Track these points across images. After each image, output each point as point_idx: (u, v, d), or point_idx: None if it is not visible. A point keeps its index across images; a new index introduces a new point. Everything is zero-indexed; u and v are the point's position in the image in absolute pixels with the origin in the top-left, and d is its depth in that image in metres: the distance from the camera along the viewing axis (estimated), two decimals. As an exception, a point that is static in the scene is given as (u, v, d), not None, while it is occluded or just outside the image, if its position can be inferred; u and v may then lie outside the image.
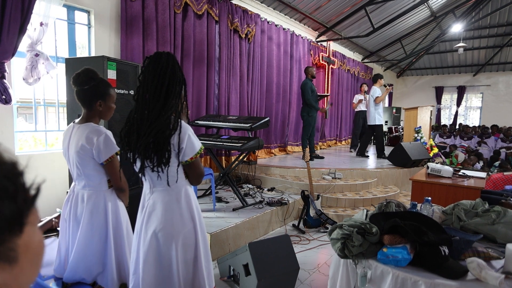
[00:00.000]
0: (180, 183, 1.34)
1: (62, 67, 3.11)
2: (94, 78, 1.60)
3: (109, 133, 1.60)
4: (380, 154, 6.01)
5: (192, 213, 1.35)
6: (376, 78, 5.96)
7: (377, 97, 5.76)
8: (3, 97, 2.70)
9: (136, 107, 1.31)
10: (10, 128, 2.86)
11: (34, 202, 0.37)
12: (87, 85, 1.57)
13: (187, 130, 1.30)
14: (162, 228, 1.30)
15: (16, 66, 2.93)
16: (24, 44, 2.80)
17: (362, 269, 1.39)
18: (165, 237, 1.29)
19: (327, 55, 7.59)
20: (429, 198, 1.66)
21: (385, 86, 5.87)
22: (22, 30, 2.71)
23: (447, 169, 3.16)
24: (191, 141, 1.29)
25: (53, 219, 1.97)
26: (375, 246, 1.40)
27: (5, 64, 2.67)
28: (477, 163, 6.52)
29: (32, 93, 3.10)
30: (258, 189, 4.27)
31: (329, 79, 7.78)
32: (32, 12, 2.73)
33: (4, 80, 2.68)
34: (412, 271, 1.32)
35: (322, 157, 5.75)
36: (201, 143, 1.38)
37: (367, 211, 1.70)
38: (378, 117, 5.81)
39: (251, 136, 3.69)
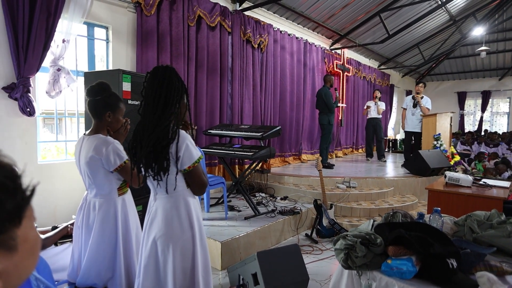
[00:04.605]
0: (180, 191, 1.37)
1: (81, 80, 3.29)
2: (107, 90, 1.68)
3: (117, 142, 1.67)
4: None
5: (192, 221, 1.36)
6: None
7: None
8: (28, 110, 2.88)
9: (141, 120, 1.37)
10: (34, 138, 3.04)
11: (30, 200, 0.42)
12: (99, 96, 1.65)
13: (185, 139, 1.33)
14: (161, 236, 1.33)
15: (40, 81, 3.12)
16: (47, 60, 2.98)
17: (366, 281, 1.36)
18: (164, 244, 1.32)
19: (341, 62, 7.54)
20: (438, 209, 1.60)
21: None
22: (46, 47, 2.90)
23: (466, 178, 3.02)
24: (189, 150, 1.32)
25: (69, 225, 2.05)
26: (380, 257, 1.37)
27: (30, 79, 2.86)
28: (505, 172, 6.17)
29: (54, 105, 3.28)
30: (271, 198, 4.25)
31: (344, 87, 7.70)
32: (55, 30, 2.92)
33: (29, 94, 2.86)
34: (418, 284, 1.28)
35: (333, 165, 5.65)
36: (214, 152, 1.42)
37: (374, 221, 1.66)
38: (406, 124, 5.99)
39: (263, 145, 3.70)
